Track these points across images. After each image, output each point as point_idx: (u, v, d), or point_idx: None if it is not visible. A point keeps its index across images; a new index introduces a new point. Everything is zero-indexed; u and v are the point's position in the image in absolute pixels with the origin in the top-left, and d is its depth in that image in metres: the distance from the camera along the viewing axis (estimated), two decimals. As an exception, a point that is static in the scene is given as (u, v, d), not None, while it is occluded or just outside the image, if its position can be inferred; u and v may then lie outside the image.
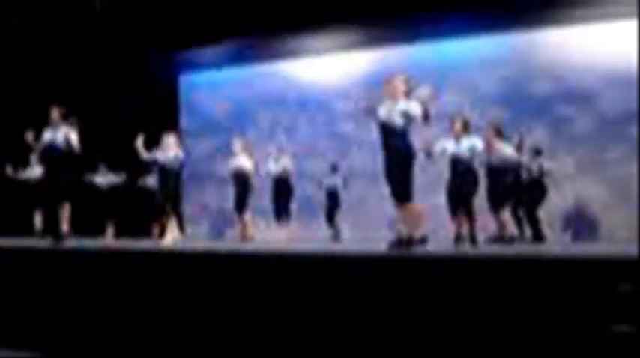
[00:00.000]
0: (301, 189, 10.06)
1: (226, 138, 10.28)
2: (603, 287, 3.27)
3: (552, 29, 9.73)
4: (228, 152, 9.07)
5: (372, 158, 5.84)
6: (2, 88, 11.01)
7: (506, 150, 7.65)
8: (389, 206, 5.92)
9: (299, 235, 9.79)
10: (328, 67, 11.57)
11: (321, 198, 10.21)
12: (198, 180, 12.39)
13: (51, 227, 7.60)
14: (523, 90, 10.03)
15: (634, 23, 8.77)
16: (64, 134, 6.92)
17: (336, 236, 9.89)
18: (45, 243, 7.01)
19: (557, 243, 8.80)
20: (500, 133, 7.78)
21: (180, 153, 7.96)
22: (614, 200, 9.28)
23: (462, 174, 6.95)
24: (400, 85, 5.41)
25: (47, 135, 7.00)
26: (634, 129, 9.07)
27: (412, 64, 10.68)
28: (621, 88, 9.21)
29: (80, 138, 7.02)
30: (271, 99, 11.98)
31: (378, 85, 5.91)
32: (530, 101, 9.91)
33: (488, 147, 7.38)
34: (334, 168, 10.06)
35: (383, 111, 5.40)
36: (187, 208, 12.69)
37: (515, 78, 10.10)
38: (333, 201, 9.95)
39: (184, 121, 12.89)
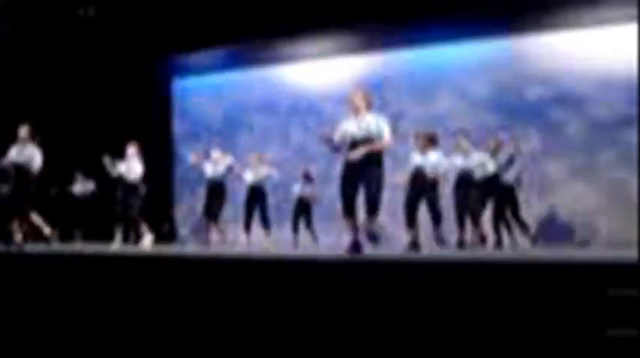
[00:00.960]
0: (290, 195, 9.96)
1: (219, 143, 10.24)
2: (601, 291, 3.27)
3: (546, 34, 9.76)
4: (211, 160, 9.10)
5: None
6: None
7: (481, 159, 7.75)
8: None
9: (279, 240, 9.70)
10: (321, 71, 11.56)
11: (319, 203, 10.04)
12: (190, 185, 12.34)
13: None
14: (516, 95, 10.05)
15: (627, 28, 8.83)
16: (29, 154, 7.08)
17: (314, 241, 9.75)
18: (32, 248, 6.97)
19: (546, 247, 8.81)
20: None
21: (139, 167, 7.92)
22: (606, 204, 9.29)
23: (422, 184, 7.00)
24: (361, 101, 5.50)
25: (13, 153, 7.13)
26: (626, 134, 9.11)
27: (405, 68, 10.73)
28: (614, 93, 9.26)
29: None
30: (264, 104, 11.96)
31: (371, 90, 5.94)
32: (523, 106, 9.93)
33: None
34: (307, 177, 9.89)
35: (351, 126, 5.44)
36: (179, 212, 12.66)
37: (508, 82, 10.13)
38: (302, 208, 9.78)
39: (177, 126, 12.84)
